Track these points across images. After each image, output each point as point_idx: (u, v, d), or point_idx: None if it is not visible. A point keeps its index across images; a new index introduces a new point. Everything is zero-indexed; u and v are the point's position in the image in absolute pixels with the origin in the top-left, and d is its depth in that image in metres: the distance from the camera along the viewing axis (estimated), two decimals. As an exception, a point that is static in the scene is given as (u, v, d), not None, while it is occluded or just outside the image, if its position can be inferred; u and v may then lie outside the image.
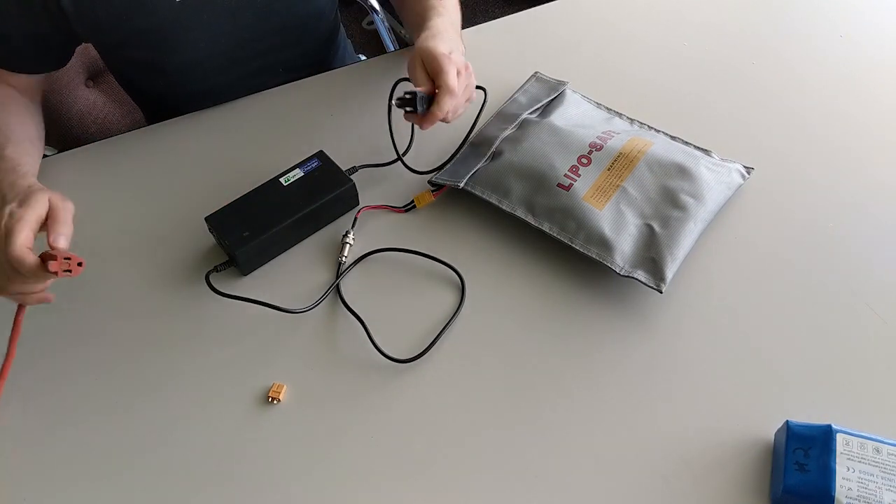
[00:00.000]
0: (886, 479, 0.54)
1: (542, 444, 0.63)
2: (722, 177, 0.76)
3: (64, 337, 0.72)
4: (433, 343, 0.69)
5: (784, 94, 0.89)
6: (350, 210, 0.80)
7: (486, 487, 0.61)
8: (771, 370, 0.66)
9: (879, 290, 0.71)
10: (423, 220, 0.79)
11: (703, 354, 0.67)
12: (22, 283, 0.63)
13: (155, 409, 0.67)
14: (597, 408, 0.65)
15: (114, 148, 0.89)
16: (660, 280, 0.68)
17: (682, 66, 0.93)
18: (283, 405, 0.67)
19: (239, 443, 0.65)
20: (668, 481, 0.60)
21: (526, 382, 0.67)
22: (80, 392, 0.68)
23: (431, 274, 0.75)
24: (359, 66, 0.98)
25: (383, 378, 0.68)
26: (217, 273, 0.73)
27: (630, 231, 0.72)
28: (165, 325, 0.72)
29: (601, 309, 0.71)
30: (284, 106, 0.92)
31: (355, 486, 0.62)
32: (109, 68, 0.96)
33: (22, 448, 0.65)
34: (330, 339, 0.71)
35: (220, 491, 0.62)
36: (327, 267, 0.76)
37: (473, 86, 0.79)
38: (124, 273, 0.77)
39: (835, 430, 0.56)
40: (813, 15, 0.99)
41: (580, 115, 0.84)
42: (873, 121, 0.85)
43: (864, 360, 0.66)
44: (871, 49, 0.93)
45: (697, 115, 0.87)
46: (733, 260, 0.74)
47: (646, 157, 0.76)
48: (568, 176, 0.75)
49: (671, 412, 0.64)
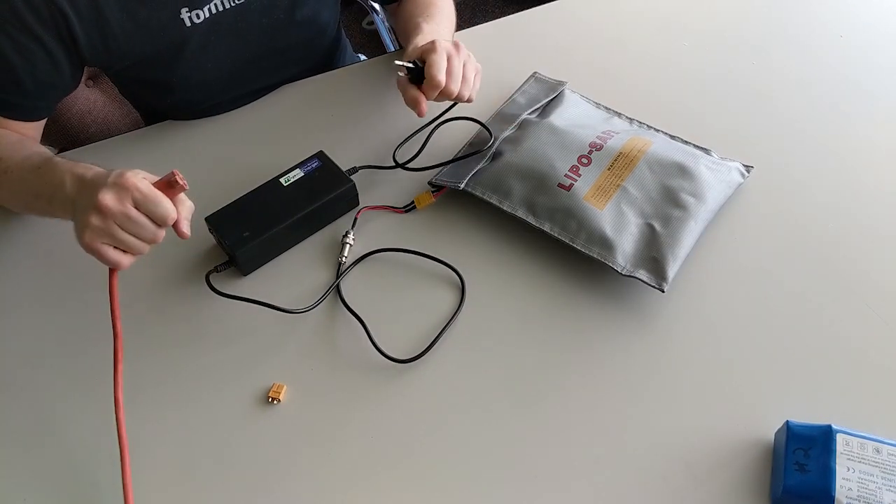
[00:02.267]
0: (886, 480, 0.54)
1: (542, 443, 0.63)
2: (722, 175, 0.76)
3: (63, 337, 0.72)
4: (433, 343, 0.69)
5: (783, 94, 0.89)
6: (350, 210, 0.80)
7: (486, 487, 0.61)
8: (771, 370, 0.66)
9: (879, 290, 0.71)
10: (423, 221, 0.79)
11: (703, 354, 0.67)
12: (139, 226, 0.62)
13: (155, 408, 0.67)
14: (597, 408, 0.65)
15: (114, 148, 0.89)
16: (662, 279, 0.68)
17: (681, 66, 0.93)
18: (283, 405, 0.67)
19: (239, 443, 0.65)
20: (668, 481, 0.60)
21: (526, 382, 0.67)
22: (79, 392, 0.68)
23: (431, 274, 0.75)
24: (359, 66, 0.98)
25: (383, 378, 0.68)
26: (217, 273, 0.73)
27: (631, 231, 0.72)
28: (165, 325, 0.72)
29: (602, 309, 0.71)
30: (284, 106, 0.92)
31: (355, 486, 0.62)
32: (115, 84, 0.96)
33: (22, 448, 0.65)
34: (330, 339, 0.71)
35: (220, 491, 0.62)
36: (327, 267, 0.76)
37: (474, 62, 0.80)
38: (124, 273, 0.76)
39: (835, 430, 0.56)
40: (812, 15, 0.99)
41: (579, 115, 0.84)
42: (872, 120, 0.85)
43: (864, 360, 0.66)
44: (870, 49, 0.93)
45: (697, 115, 0.87)
46: (733, 259, 0.74)
47: (646, 157, 0.76)
48: (568, 176, 0.75)
49: (672, 412, 0.64)
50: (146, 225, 0.62)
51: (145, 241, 0.63)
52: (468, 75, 0.78)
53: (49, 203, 0.68)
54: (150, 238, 0.63)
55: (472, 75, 0.78)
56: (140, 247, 0.63)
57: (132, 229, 0.61)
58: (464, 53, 0.78)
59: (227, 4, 0.82)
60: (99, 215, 0.60)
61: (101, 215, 0.60)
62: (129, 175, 0.61)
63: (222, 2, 0.81)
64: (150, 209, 0.61)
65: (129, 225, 0.61)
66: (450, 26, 0.91)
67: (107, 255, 0.62)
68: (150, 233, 0.62)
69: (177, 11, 0.79)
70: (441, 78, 0.74)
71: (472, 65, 0.79)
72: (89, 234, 0.61)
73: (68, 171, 0.66)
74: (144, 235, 0.62)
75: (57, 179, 0.66)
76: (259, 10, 0.84)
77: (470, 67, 0.78)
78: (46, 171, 0.69)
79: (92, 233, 0.61)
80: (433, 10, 0.90)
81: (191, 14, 0.80)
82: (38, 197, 0.70)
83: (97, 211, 0.60)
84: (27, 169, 0.72)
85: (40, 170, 0.70)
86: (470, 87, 0.78)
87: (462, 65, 0.77)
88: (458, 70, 0.76)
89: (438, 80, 0.74)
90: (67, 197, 0.65)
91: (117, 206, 0.60)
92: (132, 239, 0.62)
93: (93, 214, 0.60)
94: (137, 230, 0.62)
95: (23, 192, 0.73)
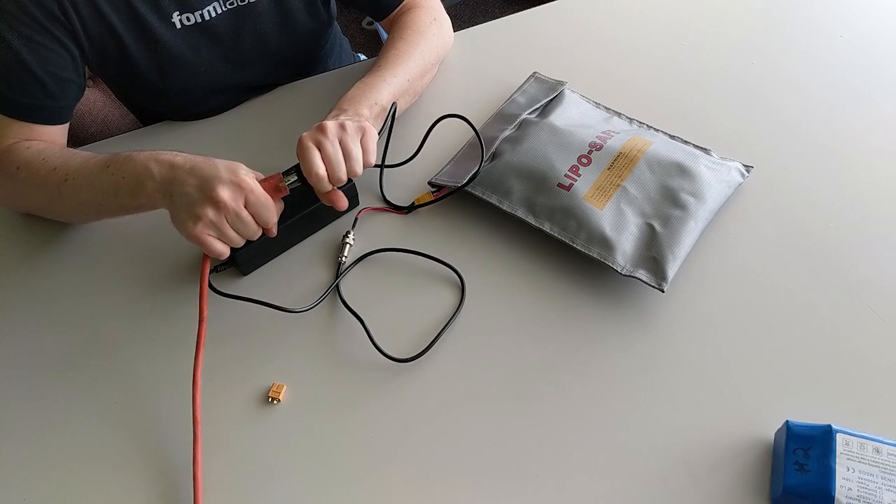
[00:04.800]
0: (886, 479, 0.54)
1: (541, 443, 0.63)
2: (722, 175, 0.76)
3: (63, 337, 0.72)
4: (433, 343, 0.69)
5: (783, 94, 0.89)
6: (350, 210, 0.80)
7: (486, 487, 0.61)
8: (771, 370, 0.66)
9: (879, 290, 0.71)
10: (423, 221, 0.79)
11: (703, 354, 0.67)
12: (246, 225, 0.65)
13: (155, 409, 0.67)
14: (597, 408, 0.65)
15: (114, 148, 0.88)
16: (661, 279, 0.68)
17: (681, 66, 0.93)
18: (283, 405, 0.67)
19: (239, 443, 0.65)
20: (668, 481, 0.60)
21: (526, 382, 0.67)
22: (79, 392, 0.68)
23: (431, 274, 0.75)
24: (358, 66, 0.98)
25: (383, 378, 0.68)
26: (217, 273, 0.73)
27: (631, 230, 0.72)
28: (165, 325, 0.72)
29: (602, 309, 0.71)
30: (283, 106, 0.92)
31: (355, 486, 0.62)
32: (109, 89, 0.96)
33: (21, 448, 0.65)
34: (330, 339, 0.71)
35: (220, 491, 0.62)
36: (327, 267, 0.76)
37: (355, 126, 0.70)
38: (124, 273, 0.77)
39: (835, 430, 0.56)
40: (813, 15, 0.99)
41: (579, 115, 0.84)
42: (872, 120, 0.85)
43: (864, 360, 0.66)
44: (870, 50, 0.93)
45: (696, 114, 0.87)
46: (733, 259, 0.74)
47: (646, 157, 0.76)
48: (568, 176, 0.75)
49: (671, 411, 0.64)
50: (251, 225, 0.66)
51: (244, 237, 0.67)
52: (350, 148, 0.68)
53: (133, 196, 0.68)
54: (251, 235, 0.67)
55: (354, 145, 0.69)
56: (239, 242, 0.67)
57: (238, 226, 0.65)
58: (333, 131, 0.68)
59: (220, 9, 0.82)
60: (215, 209, 0.63)
61: (217, 209, 0.63)
62: (242, 173, 0.65)
63: (214, 7, 0.81)
64: (258, 211, 0.66)
65: (237, 222, 0.65)
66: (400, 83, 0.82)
67: (213, 246, 0.65)
68: (253, 231, 0.67)
69: (169, 15, 0.79)
70: (322, 174, 0.67)
71: (353, 131, 0.69)
72: (201, 225, 0.64)
73: (151, 159, 0.68)
74: (246, 233, 0.66)
75: (140, 169, 0.68)
76: (252, 15, 0.84)
77: (349, 137, 0.69)
78: (120, 165, 0.70)
79: (204, 225, 0.64)
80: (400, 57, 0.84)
81: (182, 17, 0.80)
82: (116, 194, 0.70)
83: (213, 205, 0.63)
84: (93, 172, 0.71)
85: (110, 167, 0.70)
86: (357, 159, 0.69)
87: (337, 142, 0.68)
88: (333, 155, 0.67)
89: (320, 179, 0.67)
90: (158, 184, 0.66)
91: (233, 203, 0.64)
92: (235, 234, 0.66)
93: (209, 207, 0.63)
94: (242, 228, 0.66)
95: (95, 196, 0.72)
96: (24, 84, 0.75)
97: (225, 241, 0.66)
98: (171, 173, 0.66)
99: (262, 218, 0.66)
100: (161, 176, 0.66)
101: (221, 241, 0.66)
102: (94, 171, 0.71)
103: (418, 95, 0.88)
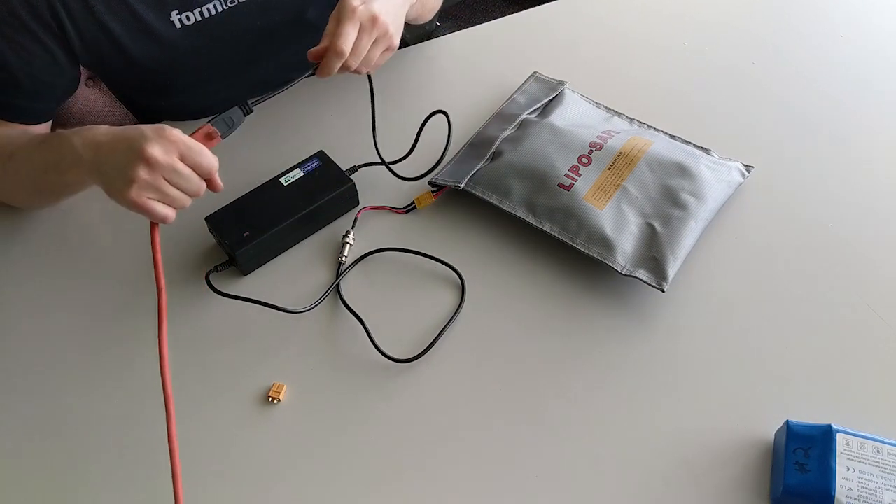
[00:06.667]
0: (886, 479, 0.54)
1: (542, 443, 0.63)
2: (722, 175, 0.76)
3: (63, 337, 0.72)
4: (433, 343, 0.69)
5: (784, 93, 0.89)
6: (350, 210, 0.80)
7: (486, 487, 0.61)
8: (771, 370, 0.66)
9: (880, 290, 0.71)
10: (423, 221, 0.79)
11: (703, 354, 0.67)
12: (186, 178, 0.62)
13: (155, 409, 0.67)
14: (597, 408, 0.65)
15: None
16: (662, 279, 0.68)
17: (681, 65, 0.93)
18: (283, 405, 0.67)
19: (239, 443, 0.65)
20: (668, 481, 0.60)
21: (526, 382, 0.67)
22: (79, 392, 0.68)
23: (431, 274, 0.75)
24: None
25: (383, 378, 0.68)
26: (217, 273, 0.73)
27: (631, 230, 0.72)
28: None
29: (602, 309, 0.71)
30: (284, 106, 0.92)
31: (355, 486, 0.62)
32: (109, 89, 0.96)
33: (21, 448, 0.65)
34: (330, 339, 0.71)
35: (220, 491, 0.62)
36: (327, 267, 0.76)
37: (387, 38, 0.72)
38: (124, 272, 0.77)
39: (835, 430, 0.56)
40: (813, 14, 0.99)
41: (580, 115, 0.84)
42: (873, 120, 0.85)
43: (864, 360, 0.66)
44: (871, 49, 0.93)
45: (697, 114, 0.87)
46: (733, 259, 0.74)
47: (646, 156, 0.76)
48: (568, 176, 0.75)
49: (671, 412, 0.64)
50: (192, 177, 0.62)
51: (189, 195, 0.63)
52: (372, 56, 0.72)
53: (58, 172, 0.67)
54: (195, 191, 0.63)
55: (376, 55, 0.72)
56: (184, 200, 0.63)
57: (179, 182, 0.61)
58: (378, 30, 0.70)
59: (220, 7, 0.82)
60: (147, 168, 0.59)
61: (149, 168, 0.59)
62: (169, 129, 0.61)
63: (214, 5, 0.81)
64: (195, 160, 0.61)
65: (175, 178, 0.61)
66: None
67: (155, 210, 0.61)
68: (195, 185, 0.63)
69: (167, 14, 0.79)
70: (345, 49, 0.68)
71: (384, 44, 0.72)
72: (136, 188, 0.60)
73: (74, 133, 0.65)
74: (189, 188, 0.62)
75: (65, 144, 0.66)
76: (253, 13, 0.84)
77: (378, 48, 0.72)
78: (52, 140, 0.69)
79: (139, 187, 0.60)
80: None
81: (181, 16, 0.80)
82: (46, 170, 0.68)
83: (145, 164, 0.59)
84: (31, 150, 0.71)
85: (44, 143, 0.69)
86: (369, 67, 0.73)
87: (371, 42, 0.70)
88: (363, 47, 0.70)
89: (342, 49, 0.68)
90: (86, 160, 0.63)
91: (165, 158, 0.59)
92: (178, 192, 0.62)
93: (140, 167, 0.59)
94: (184, 183, 0.62)
95: (31, 173, 0.71)
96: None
97: (168, 203, 0.62)
98: (96, 145, 0.63)
99: (202, 167, 0.62)
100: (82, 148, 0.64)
101: (164, 203, 0.62)
102: (31, 149, 0.71)
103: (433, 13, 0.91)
